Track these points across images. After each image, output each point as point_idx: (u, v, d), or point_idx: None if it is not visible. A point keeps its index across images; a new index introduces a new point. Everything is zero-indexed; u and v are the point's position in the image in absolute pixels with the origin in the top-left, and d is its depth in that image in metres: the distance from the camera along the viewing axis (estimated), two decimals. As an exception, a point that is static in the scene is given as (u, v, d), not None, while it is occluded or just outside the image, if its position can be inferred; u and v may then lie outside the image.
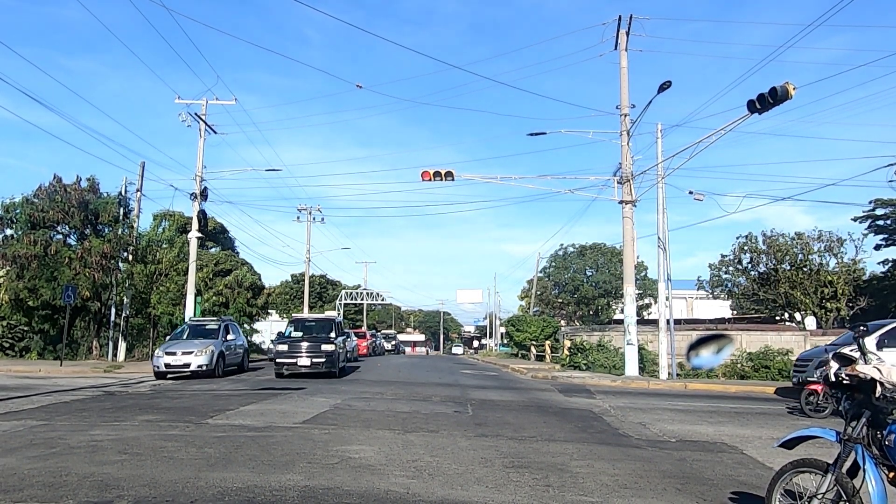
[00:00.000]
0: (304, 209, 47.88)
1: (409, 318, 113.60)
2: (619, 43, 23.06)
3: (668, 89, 19.14)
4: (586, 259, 56.31)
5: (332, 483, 6.36)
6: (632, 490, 6.44)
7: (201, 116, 27.84)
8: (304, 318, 23.35)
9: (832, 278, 31.44)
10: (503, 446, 8.61)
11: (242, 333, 25.98)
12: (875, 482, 4.24)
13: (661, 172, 22.06)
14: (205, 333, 21.44)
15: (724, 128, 18.33)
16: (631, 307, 22.52)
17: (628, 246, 23.21)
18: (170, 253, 31.19)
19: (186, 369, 19.67)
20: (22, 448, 7.96)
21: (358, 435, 9.25)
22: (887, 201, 32.91)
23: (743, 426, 11.24)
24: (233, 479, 6.42)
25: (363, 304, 73.43)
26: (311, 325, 21.97)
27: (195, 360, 19.64)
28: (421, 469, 7.12)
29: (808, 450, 5.17)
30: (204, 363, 19.72)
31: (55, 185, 28.08)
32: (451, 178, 23.57)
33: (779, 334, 25.83)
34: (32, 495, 5.75)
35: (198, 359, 19.67)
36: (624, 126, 22.69)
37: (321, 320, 23.16)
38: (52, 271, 26.64)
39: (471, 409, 12.78)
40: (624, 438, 9.69)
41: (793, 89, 14.90)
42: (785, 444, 4.89)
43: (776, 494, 4.73)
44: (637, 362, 22.07)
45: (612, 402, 14.65)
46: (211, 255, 39.60)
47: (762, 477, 6.91)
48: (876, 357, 4.86)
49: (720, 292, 38.40)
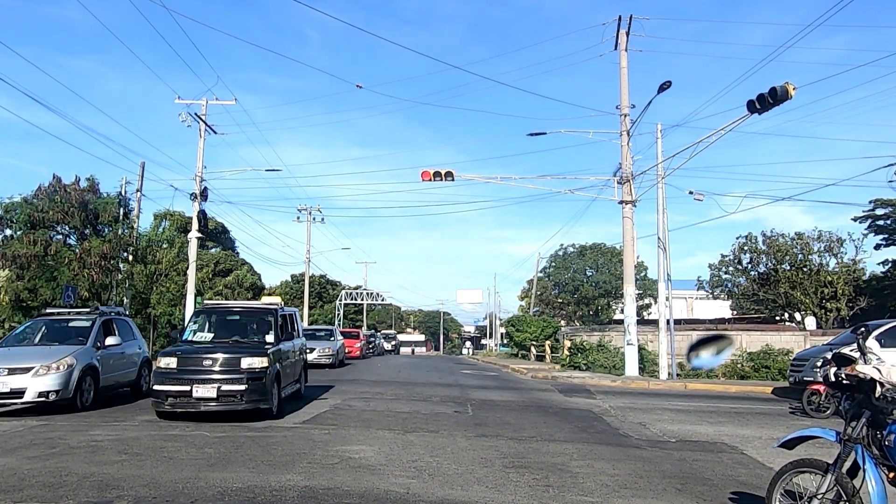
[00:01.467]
0: (304, 209, 47.87)
1: (409, 318, 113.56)
2: (619, 43, 23.05)
3: (668, 89, 19.14)
4: (586, 259, 56.28)
5: (332, 483, 6.36)
6: (632, 490, 6.45)
7: (201, 116, 27.82)
8: (221, 308, 13.76)
9: (832, 278, 31.44)
10: (503, 446, 8.61)
11: None
12: (875, 482, 4.25)
13: (661, 172, 22.06)
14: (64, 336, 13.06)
15: (724, 128, 18.34)
16: (631, 307, 22.51)
17: (628, 246, 23.20)
18: (170, 253, 31.17)
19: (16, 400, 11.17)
20: (22, 448, 7.96)
21: (358, 435, 9.25)
22: (887, 201, 32.89)
23: (743, 426, 11.24)
24: (233, 479, 6.42)
25: (363, 304, 73.43)
26: (231, 319, 12.71)
27: (33, 384, 11.07)
28: (421, 469, 7.12)
29: (808, 450, 5.17)
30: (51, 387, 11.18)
31: (55, 185, 28.04)
32: (451, 178, 23.56)
33: (779, 334, 25.82)
34: (32, 495, 5.76)
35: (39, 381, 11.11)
36: (624, 126, 22.68)
37: (251, 312, 13.03)
38: (52, 272, 26.62)
39: (471, 409, 12.78)
40: (624, 438, 9.69)
41: (793, 89, 14.89)
42: (785, 444, 4.90)
43: (776, 494, 4.73)
44: (637, 362, 22.06)
45: (612, 402, 14.65)
46: (211, 255, 39.63)
47: (762, 477, 6.91)
48: (876, 357, 4.87)
49: (720, 292, 38.39)
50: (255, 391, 10.35)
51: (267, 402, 10.62)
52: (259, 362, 10.53)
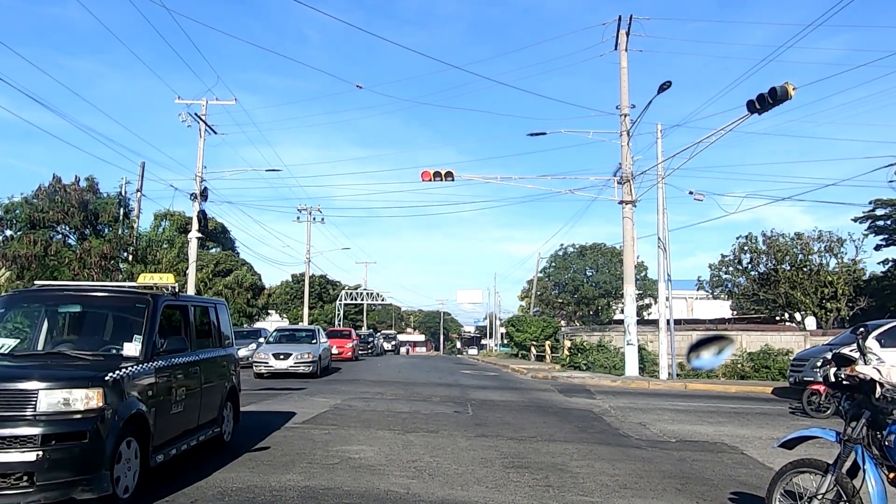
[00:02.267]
0: (305, 209, 47.89)
1: (409, 318, 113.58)
2: (619, 43, 23.06)
3: (668, 89, 19.15)
4: (586, 259, 56.30)
5: (332, 483, 6.37)
6: (632, 490, 6.45)
7: (201, 116, 27.83)
8: (56, 293, 7.30)
9: (832, 278, 31.44)
10: (503, 446, 8.62)
11: None
12: (875, 482, 4.25)
13: (661, 172, 22.06)
14: None
15: (724, 128, 18.34)
16: (631, 307, 22.51)
17: (628, 246, 23.20)
18: (170, 253, 31.19)
19: None
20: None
21: (358, 435, 9.25)
22: (887, 201, 32.87)
23: (743, 426, 11.24)
24: (233, 479, 6.43)
25: (363, 304, 73.43)
26: (74, 314, 6.95)
27: None
28: (421, 469, 7.12)
29: (808, 450, 5.18)
30: None
31: (55, 185, 28.06)
32: (452, 179, 23.56)
33: (779, 334, 25.81)
34: (32, 495, 5.74)
35: None
36: (624, 126, 22.69)
37: (107, 301, 7.06)
38: (52, 272, 26.64)
39: (471, 409, 12.78)
40: (624, 438, 9.69)
41: (792, 89, 14.90)
42: (785, 444, 4.90)
43: (776, 494, 4.73)
44: (637, 362, 22.06)
45: (612, 402, 14.65)
46: (211, 255, 39.60)
47: (762, 477, 6.91)
48: (876, 357, 4.87)
49: (720, 292, 38.40)
50: (64, 463, 4.94)
51: (97, 481, 5.07)
52: (80, 399, 5.12)
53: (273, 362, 19.68)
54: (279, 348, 20.50)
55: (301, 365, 19.66)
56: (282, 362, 19.63)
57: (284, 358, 19.68)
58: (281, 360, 19.68)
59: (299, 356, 19.79)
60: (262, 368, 19.69)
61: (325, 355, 22.42)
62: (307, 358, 19.88)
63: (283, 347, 20.63)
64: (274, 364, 19.62)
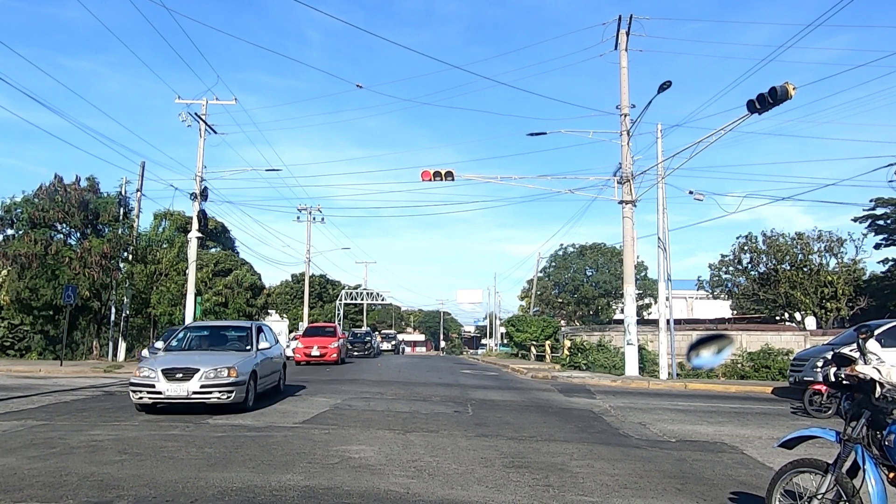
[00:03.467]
0: (305, 209, 47.91)
1: (409, 318, 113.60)
2: (619, 43, 23.06)
3: (668, 89, 19.14)
4: (586, 259, 56.32)
5: (332, 483, 6.37)
6: (632, 490, 6.45)
7: (201, 116, 27.83)
8: None
9: (832, 278, 31.46)
10: (503, 446, 8.62)
11: None
12: (875, 482, 4.25)
13: (661, 172, 22.06)
14: None
15: (724, 128, 18.34)
16: (631, 307, 22.52)
17: (628, 246, 23.20)
18: (170, 253, 31.19)
19: None
20: (22, 448, 7.96)
21: (358, 435, 9.25)
22: (887, 201, 32.88)
23: (743, 426, 11.24)
24: (233, 479, 6.43)
25: (363, 304, 73.48)
26: None
27: None
28: (421, 469, 7.12)
29: (808, 450, 5.18)
30: None
31: (55, 184, 28.10)
32: (451, 178, 23.56)
33: (779, 334, 25.83)
34: (32, 495, 5.76)
35: None
36: (624, 126, 22.69)
37: None
38: (53, 271, 26.67)
39: (471, 409, 12.78)
40: (624, 438, 9.69)
41: (792, 89, 14.90)
42: (785, 444, 4.90)
43: (776, 494, 4.74)
44: (637, 362, 22.06)
45: (612, 402, 14.65)
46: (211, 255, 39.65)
47: (762, 477, 6.91)
48: (876, 357, 4.87)
49: (720, 292, 38.43)
50: None
51: None
52: None
53: (164, 385, 10.91)
54: (177, 360, 11.69)
55: (214, 390, 11.01)
56: (178, 385, 10.95)
57: (184, 377, 11.02)
58: (177, 380, 10.99)
59: (212, 374, 11.11)
60: (143, 395, 11.03)
61: (267, 369, 13.34)
62: (225, 377, 11.14)
63: (185, 359, 11.79)
64: (166, 388, 10.90)
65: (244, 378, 11.59)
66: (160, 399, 11.11)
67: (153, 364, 11.53)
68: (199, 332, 14.05)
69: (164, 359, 11.98)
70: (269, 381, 13.59)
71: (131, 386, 11.29)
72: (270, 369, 13.71)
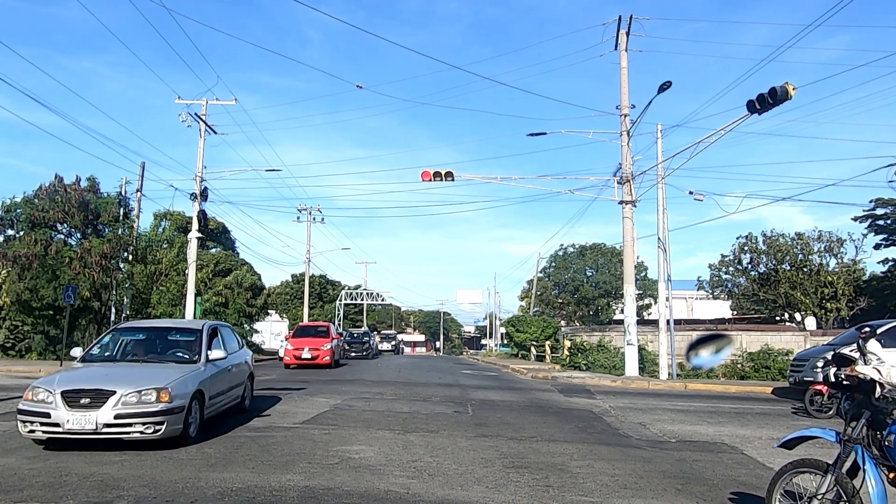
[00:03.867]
0: (305, 209, 47.91)
1: (409, 318, 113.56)
2: (619, 43, 23.06)
3: (668, 89, 19.14)
4: (586, 259, 56.31)
5: (332, 483, 6.37)
6: (632, 490, 6.45)
7: (201, 116, 27.82)
8: None
9: (832, 278, 31.45)
10: (503, 446, 8.62)
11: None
12: (875, 482, 4.25)
13: (661, 173, 22.06)
14: None
15: (724, 128, 18.34)
16: (631, 307, 22.51)
17: (628, 246, 23.20)
18: (170, 253, 31.19)
19: None
20: (22, 448, 7.96)
21: (358, 435, 9.25)
22: (887, 201, 32.87)
23: (743, 426, 11.24)
24: (233, 479, 6.43)
25: (363, 304, 73.48)
26: None
27: None
28: (421, 469, 7.12)
29: (808, 450, 5.18)
30: None
31: (55, 184, 28.09)
32: (451, 179, 23.56)
33: (779, 334, 25.82)
34: (32, 495, 5.76)
35: None
36: (624, 126, 22.69)
37: None
38: (53, 271, 26.66)
39: (471, 409, 12.78)
40: (624, 439, 9.69)
41: (792, 89, 14.90)
42: (785, 444, 4.90)
43: (776, 495, 4.74)
44: (637, 362, 22.06)
45: (612, 402, 14.65)
46: (211, 255, 39.59)
47: (762, 477, 6.91)
48: (876, 357, 4.88)
49: (720, 292, 38.43)
50: None
51: None
52: None
53: (63, 414, 7.71)
54: (87, 378, 8.47)
55: (135, 422, 7.77)
56: (83, 414, 7.70)
57: (92, 404, 7.77)
58: (82, 407, 7.75)
59: (132, 398, 7.84)
60: (35, 428, 7.85)
61: (223, 384, 10.06)
62: (152, 402, 7.88)
63: (100, 376, 8.51)
64: (65, 419, 7.68)
65: (182, 403, 8.17)
66: (56, 434, 7.77)
67: (52, 383, 8.12)
68: (132, 336, 10.38)
69: (72, 375, 8.65)
70: (225, 399, 10.14)
71: (19, 414, 7.98)
72: (229, 384, 10.34)
